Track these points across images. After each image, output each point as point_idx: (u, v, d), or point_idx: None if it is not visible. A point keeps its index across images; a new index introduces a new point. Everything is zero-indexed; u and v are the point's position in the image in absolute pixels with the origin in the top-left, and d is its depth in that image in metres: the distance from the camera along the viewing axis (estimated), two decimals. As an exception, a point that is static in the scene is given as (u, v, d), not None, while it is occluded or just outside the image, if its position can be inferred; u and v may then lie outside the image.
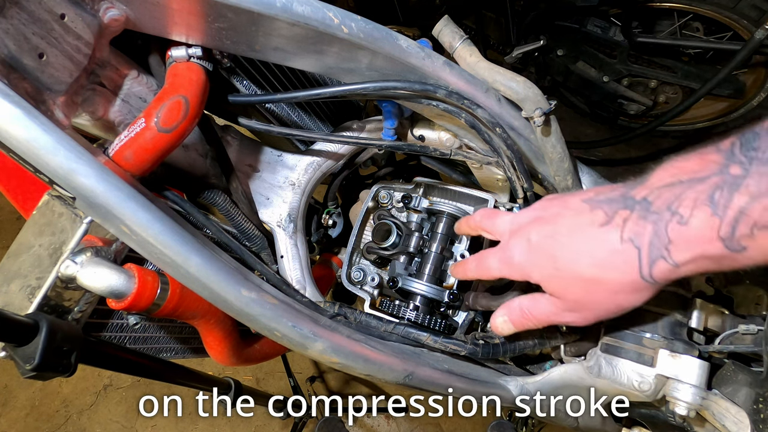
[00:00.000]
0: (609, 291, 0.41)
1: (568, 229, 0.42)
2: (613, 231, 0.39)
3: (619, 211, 0.39)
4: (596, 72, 1.81)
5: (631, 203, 0.39)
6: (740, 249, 0.33)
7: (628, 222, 0.38)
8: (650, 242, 0.37)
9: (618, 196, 0.40)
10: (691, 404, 0.52)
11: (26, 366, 0.43)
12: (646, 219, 0.37)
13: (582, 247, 0.41)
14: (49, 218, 0.50)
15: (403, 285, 0.73)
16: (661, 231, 0.36)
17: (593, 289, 0.41)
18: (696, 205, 0.34)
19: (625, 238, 0.38)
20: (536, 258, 0.45)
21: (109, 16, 0.48)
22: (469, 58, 0.61)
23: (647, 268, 0.38)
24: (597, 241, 0.40)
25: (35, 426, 1.89)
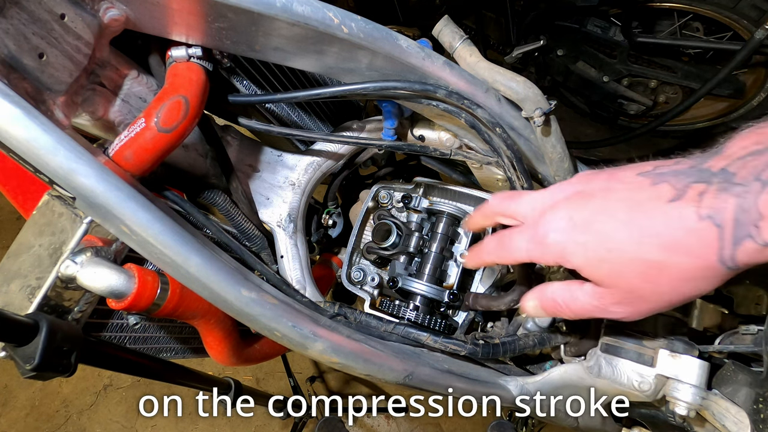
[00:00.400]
0: (676, 279, 0.34)
1: (624, 204, 0.35)
2: (686, 207, 0.32)
3: (692, 184, 0.33)
4: (596, 72, 1.81)
5: (707, 175, 0.33)
6: None
7: (706, 196, 0.32)
8: (735, 219, 0.31)
9: (687, 168, 0.34)
10: (691, 404, 0.52)
11: (26, 366, 0.43)
12: (729, 192, 0.31)
13: (645, 225, 0.34)
14: (49, 218, 0.50)
15: (403, 285, 0.73)
16: (749, 205, 0.30)
17: (655, 277, 0.35)
18: None
19: (703, 215, 0.32)
20: (581, 237, 0.37)
21: (109, 16, 0.48)
22: (469, 58, 0.61)
23: (730, 250, 0.32)
24: (665, 218, 0.33)
25: (35, 426, 1.89)
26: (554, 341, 0.69)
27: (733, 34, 1.60)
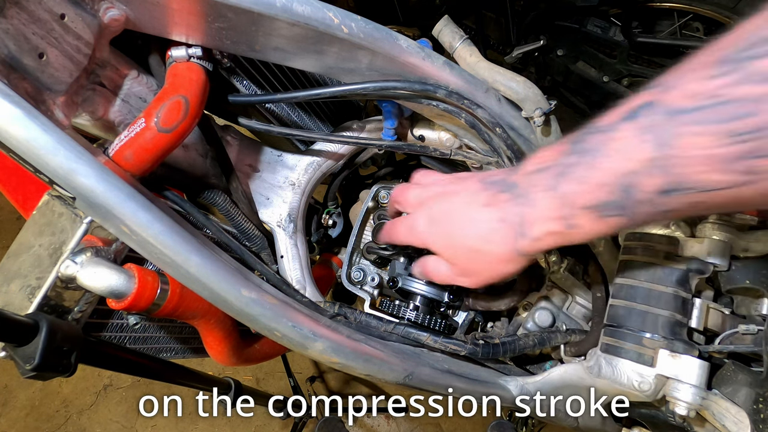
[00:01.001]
0: (490, 260, 0.47)
1: (461, 206, 0.48)
2: (493, 211, 0.45)
3: (499, 193, 0.46)
4: (596, 72, 1.81)
5: (508, 186, 0.45)
6: (573, 226, 0.39)
7: (503, 203, 0.44)
8: (516, 221, 0.43)
9: (500, 179, 0.47)
10: (691, 404, 0.52)
11: (26, 366, 0.43)
12: (514, 201, 0.43)
13: (470, 223, 0.47)
14: (49, 218, 0.50)
15: (403, 285, 0.73)
16: (522, 212, 0.42)
17: (478, 258, 0.48)
18: (542, 190, 0.40)
19: (502, 217, 0.44)
20: (434, 229, 0.51)
21: (109, 16, 0.48)
22: (469, 58, 0.61)
23: (516, 243, 0.44)
24: (481, 218, 0.46)
25: (35, 426, 1.89)
26: (554, 341, 0.69)
27: (733, 34, 1.60)
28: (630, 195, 0.34)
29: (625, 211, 0.35)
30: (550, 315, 0.73)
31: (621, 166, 0.34)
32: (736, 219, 0.56)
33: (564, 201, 0.39)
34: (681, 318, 0.55)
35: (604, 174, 0.35)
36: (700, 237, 0.56)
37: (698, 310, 0.57)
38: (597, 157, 0.36)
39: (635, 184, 0.33)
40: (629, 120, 0.33)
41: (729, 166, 0.28)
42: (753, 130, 0.27)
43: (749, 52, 0.27)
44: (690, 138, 0.29)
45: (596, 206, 0.37)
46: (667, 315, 0.55)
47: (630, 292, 0.58)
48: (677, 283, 0.56)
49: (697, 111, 0.29)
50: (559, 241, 0.42)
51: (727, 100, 0.28)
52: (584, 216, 0.38)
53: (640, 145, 0.32)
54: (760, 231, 0.56)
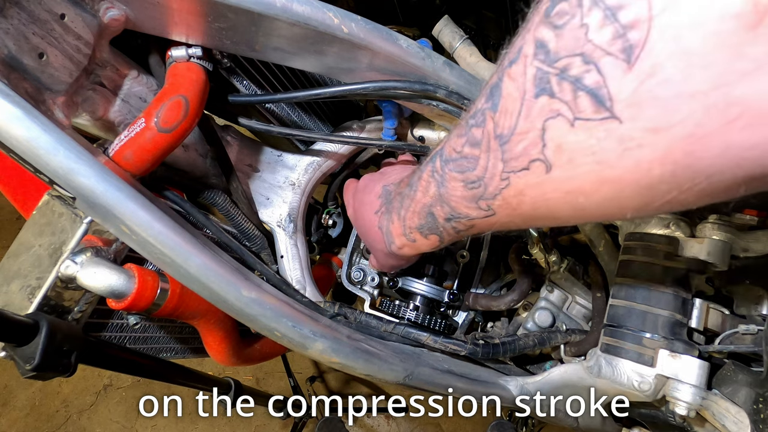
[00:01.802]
0: (380, 255, 0.56)
1: (365, 209, 0.57)
2: (376, 219, 0.54)
3: (383, 204, 0.54)
4: (596, 72, 1.81)
5: (387, 200, 0.53)
6: (413, 240, 0.47)
7: (381, 216, 0.53)
8: (386, 232, 0.51)
9: (389, 191, 0.54)
10: (691, 404, 0.52)
11: (26, 366, 0.43)
12: (385, 216, 0.52)
13: (366, 224, 0.56)
14: (49, 218, 0.50)
15: (403, 285, 0.73)
16: (388, 227, 0.51)
17: (374, 250, 0.57)
18: (394, 212, 0.49)
19: (378, 225, 0.53)
20: (355, 220, 0.62)
21: (109, 16, 0.48)
22: (469, 58, 0.61)
23: (389, 246, 0.52)
24: (371, 222, 0.55)
25: (35, 426, 1.89)
26: (554, 341, 0.69)
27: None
28: (433, 220, 0.42)
29: (435, 230, 0.43)
30: (550, 315, 0.73)
31: (423, 199, 0.42)
32: (736, 219, 0.56)
33: (402, 222, 0.47)
34: (681, 318, 0.55)
35: (416, 204, 0.44)
36: (700, 237, 0.56)
37: (698, 310, 0.57)
38: (413, 190, 0.44)
39: (433, 213, 0.41)
40: (429, 163, 0.41)
41: (472, 203, 0.36)
42: (474, 180, 0.34)
43: (471, 120, 0.33)
44: (451, 182, 0.37)
45: (418, 227, 0.45)
46: (667, 315, 0.55)
47: (630, 292, 0.58)
48: (677, 283, 0.56)
49: (452, 161, 0.36)
50: (413, 250, 0.50)
51: (462, 156, 0.35)
52: (415, 233, 0.46)
53: (431, 185, 0.40)
54: (760, 231, 0.56)
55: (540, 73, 0.25)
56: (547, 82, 0.25)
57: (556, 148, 0.26)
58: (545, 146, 0.27)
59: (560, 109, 0.25)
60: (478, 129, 0.32)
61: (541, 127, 0.26)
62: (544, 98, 0.25)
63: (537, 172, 0.28)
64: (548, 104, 0.25)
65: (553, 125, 0.26)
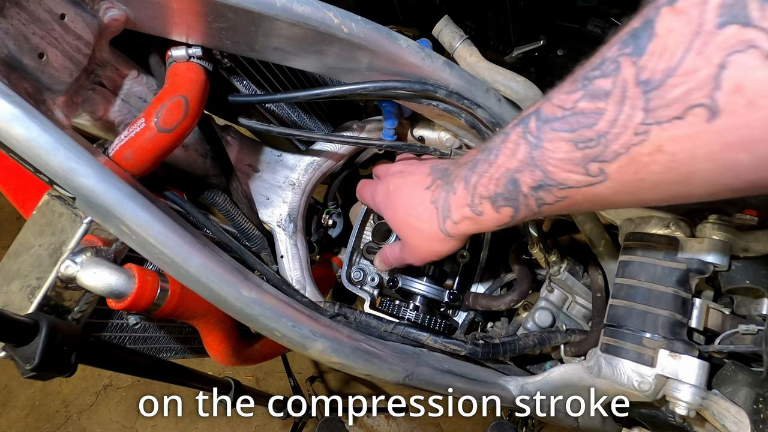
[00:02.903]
0: (424, 238, 0.52)
1: (409, 187, 0.54)
2: (428, 194, 0.51)
3: (437, 179, 0.51)
4: (596, 72, 1.81)
5: (444, 175, 0.51)
6: (479, 213, 0.44)
7: (437, 189, 0.50)
8: (442, 206, 0.49)
9: (444, 168, 0.52)
10: (691, 404, 0.52)
11: (26, 366, 0.43)
12: (443, 188, 0.49)
13: (411, 202, 0.53)
14: (49, 218, 0.50)
15: (403, 285, 0.73)
16: (447, 197, 0.48)
17: (415, 235, 0.54)
18: (459, 180, 0.46)
19: (432, 200, 0.50)
20: (388, 202, 0.57)
21: (109, 16, 0.48)
22: (469, 58, 0.61)
23: (442, 224, 0.49)
24: (419, 199, 0.52)
25: (35, 426, 1.89)
26: (554, 341, 0.69)
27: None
28: (514, 188, 0.40)
29: (512, 202, 0.41)
30: (550, 315, 0.73)
31: (507, 163, 0.39)
32: (736, 219, 0.56)
33: (471, 191, 0.44)
34: (681, 318, 0.55)
35: (496, 169, 0.41)
36: (700, 237, 0.56)
37: (698, 310, 0.57)
38: (494, 154, 0.41)
39: (517, 179, 0.39)
40: (519, 125, 0.38)
41: (578, 167, 0.33)
42: (592, 138, 0.31)
43: (593, 72, 0.31)
44: (552, 143, 0.35)
45: (491, 197, 0.42)
46: (667, 315, 0.55)
47: (630, 292, 0.58)
48: (677, 283, 0.56)
49: (558, 120, 0.34)
50: (473, 226, 0.47)
51: (575, 113, 0.32)
52: (485, 205, 0.43)
53: (521, 147, 0.38)
54: (760, 231, 0.56)
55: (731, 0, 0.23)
56: (743, 8, 0.22)
57: (733, 88, 0.23)
58: (718, 87, 0.24)
59: (755, 39, 0.22)
60: (605, 80, 0.30)
61: (720, 63, 0.23)
62: (733, 28, 0.23)
63: (694, 120, 0.25)
64: (737, 35, 0.23)
65: (738, 60, 0.23)
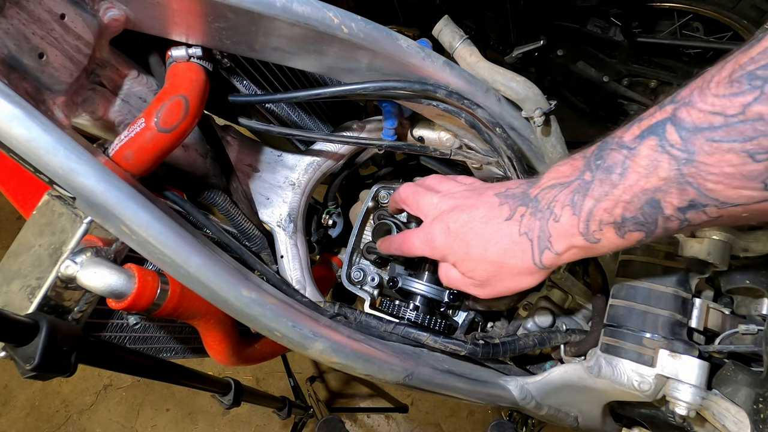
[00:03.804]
0: (510, 273, 0.47)
1: (480, 221, 0.48)
2: (514, 225, 0.46)
3: (519, 207, 0.46)
4: (596, 72, 1.81)
5: (527, 201, 0.46)
6: (596, 241, 0.40)
7: (524, 218, 0.45)
8: (539, 236, 0.44)
9: (520, 193, 0.47)
10: (691, 404, 0.52)
11: (26, 366, 0.43)
12: (535, 216, 0.44)
13: (490, 237, 0.47)
14: (49, 218, 0.50)
15: (403, 285, 0.73)
16: (544, 227, 0.43)
17: (498, 272, 0.48)
18: (563, 206, 0.41)
19: (522, 231, 0.45)
20: (453, 243, 0.50)
21: (109, 16, 0.48)
22: (469, 58, 0.61)
23: (538, 257, 0.44)
24: (502, 233, 0.46)
25: (35, 426, 1.89)
26: (554, 341, 0.69)
27: (733, 34, 1.60)
28: (652, 211, 0.35)
29: (645, 227, 0.36)
30: (550, 315, 0.73)
31: (644, 183, 0.34)
32: (736, 219, 0.56)
33: (585, 217, 0.39)
34: (681, 318, 0.55)
35: (625, 191, 0.36)
36: (700, 237, 0.56)
37: (698, 310, 0.57)
38: (618, 174, 0.36)
39: (658, 201, 0.34)
40: (650, 136, 0.33)
41: (751, 182, 0.29)
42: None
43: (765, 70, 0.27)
44: (713, 156, 0.30)
45: (616, 222, 0.37)
46: (667, 315, 0.55)
47: (630, 292, 0.58)
48: (677, 283, 0.56)
49: (719, 129, 0.29)
50: (580, 255, 0.42)
51: (749, 119, 0.28)
52: (605, 232, 0.38)
53: (663, 163, 0.32)
54: (760, 231, 0.56)
55: None
56: None
57: None
58: None
59: None
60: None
61: None
62: None
63: None
64: None
65: None
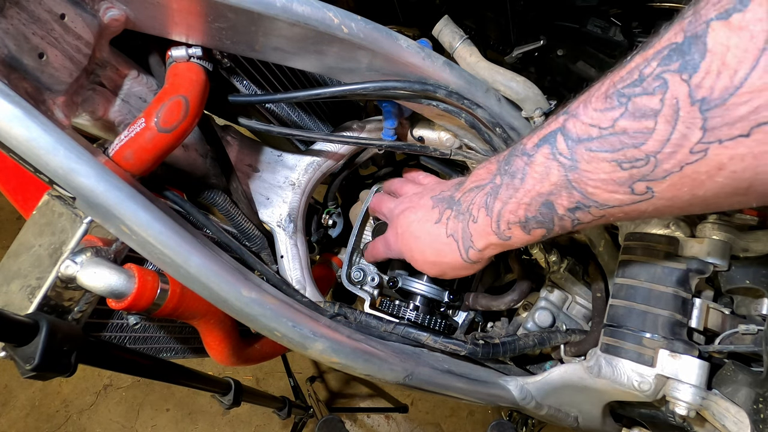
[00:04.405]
0: (448, 268, 0.53)
1: (418, 224, 0.55)
2: (441, 227, 0.51)
3: (446, 210, 0.51)
4: (596, 72, 1.81)
5: (452, 204, 0.50)
6: (507, 238, 0.44)
7: (450, 221, 0.50)
8: (462, 237, 0.48)
9: (448, 197, 0.52)
10: (691, 404, 0.52)
11: (26, 366, 0.43)
12: (458, 219, 0.49)
13: (425, 239, 0.53)
14: (49, 218, 0.50)
15: (403, 285, 0.73)
16: (465, 228, 0.47)
17: (438, 267, 0.54)
18: (479, 208, 0.45)
19: (449, 233, 0.50)
20: (402, 244, 0.58)
21: (109, 16, 0.48)
22: (469, 58, 0.61)
23: (465, 254, 0.49)
24: (433, 235, 0.52)
25: (35, 426, 1.89)
26: (554, 341, 0.69)
27: (733, 34, 1.60)
28: (548, 211, 0.39)
29: (545, 224, 0.40)
30: (550, 315, 0.73)
31: (539, 187, 0.38)
32: (736, 219, 0.56)
33: (496, 218, 0.43)
34: (681, 318, 0.55)
35: (525, 194, 0.40)
36: (700, 237, 0.56)
37: (698, 310, 0.57)
38: (519, 179, 0.40)
39: (551, 203, 0.38)
40: (544, 145, 0.37)
41: (621, 187, 0.32)
42: (639, 158, 0.30)
43: (631, 89, 0.30)
44: (590, 164, 0.33)
45: (521, 222, 0.41)
46: (667, 315, 0.55)
47: (630, 292, 0.58)
48: (677, 283, 0.56)
49: (594, 140, 0.32)
50: (499, 249, 0.47)
51: (616, 132, 0.31)
52: (513, 230, 0.43)
53: (553, 170, 0.36)
54: (760, 231, 0.56)
55: None
56: None
57: None
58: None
59: None
60: (650, 97, 0.28)
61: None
62: None
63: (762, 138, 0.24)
64: None
65: None
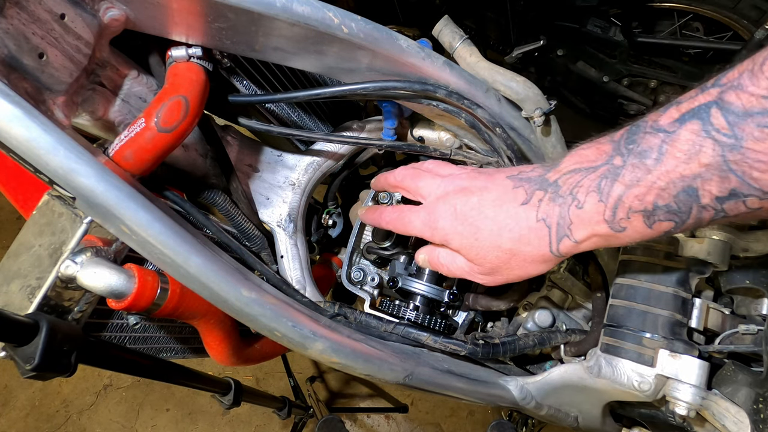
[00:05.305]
0: (523, 261, 0.45)
1: (492, 204, 0.46)
2: (530, 210, 0.43)
3: (536, 191, 0.43)
4: (596, 72, 1.81)
5: (545, 185, 0.43)
6: (621, 229, 0.38)
7: (542, 203, 0.42)
8: (557, 222, 0.41)
9: (537, 177, 0.45)
10: (691, 404, 0.52)
11: (26, 366, 0.43)
12: (555, 201, 0.42)
13: (503, 222, 0.44)
14: (49, 218, 0.50)
15: (403, 285, 0.73)
16: (565, 213, 0.41)
17: (509, 259, 0.46)
18: (588, 192, 0.39)
19: (539, 217, 0.42)
20: (460, 227, 0.47)
21: (109, 16, 0.48)
22: (469, 58, 0.61)
23: (555, 244, 0.42)
24: (517, 218, 0.44)
25: (35, 426, 1.89)
26: (554, 341, 0.69)
27: (733, 34, 1.60)
28: (687, 199, 0.33)
29: (677, 216, 0.34)
30: (550, 315, 0.73)
31: (681, 169, 0.32)
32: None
33: (613, 204, 0.37)
34: (681, 318, 0.55)
35: (661, 177, 0.33)
36: (700, 237, 0.56)
37: (698, 310, 0.57)
38: (653, 158, 0.34)
39: (696, 189, 0.32)
40: (692, 120, 0.31)
41: None
42: None
43: None
44: (764, 143, 0.28)
45: (646, 210, 0.35)
46: (667, 315, 0.55)
47: (630, 292, 0.58)
48: (677, 283, 0.56)
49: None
50: (601, 243, 0.40)
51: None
52: (633, 220, 0.36)
53: (707, 148, 0.30)
54: (760, 231, 0.56)
55: None
56: None
57: None
58: None
59: None
60: None
61: None
62: None
63: None
64: None
65: None
